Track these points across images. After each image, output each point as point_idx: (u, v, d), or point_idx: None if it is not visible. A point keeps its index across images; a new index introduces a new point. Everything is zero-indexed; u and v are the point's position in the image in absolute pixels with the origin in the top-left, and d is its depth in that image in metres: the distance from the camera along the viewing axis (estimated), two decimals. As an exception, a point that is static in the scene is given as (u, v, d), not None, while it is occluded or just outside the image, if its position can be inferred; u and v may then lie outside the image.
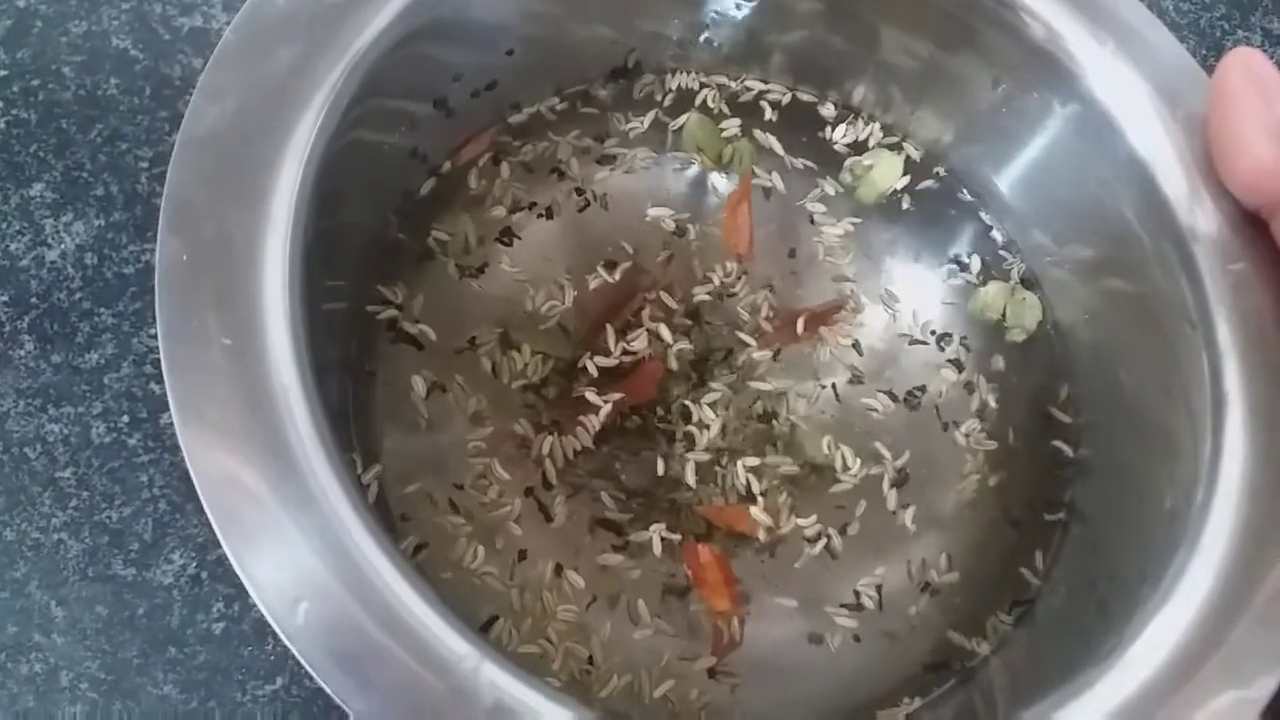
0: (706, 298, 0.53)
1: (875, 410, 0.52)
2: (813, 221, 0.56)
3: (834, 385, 0.52)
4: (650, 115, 0.56)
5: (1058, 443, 0.52)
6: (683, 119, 0.56)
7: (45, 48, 0.62)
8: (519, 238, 0.53)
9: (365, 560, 0.34)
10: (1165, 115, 0.47)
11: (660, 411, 0.51)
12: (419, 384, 0.49)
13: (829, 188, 0.56)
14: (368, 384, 0.49)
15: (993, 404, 0.53)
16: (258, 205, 0.38)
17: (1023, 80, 0.51)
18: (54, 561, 0.52)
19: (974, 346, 0.54)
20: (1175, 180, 0.46)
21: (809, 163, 0.57)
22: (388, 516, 0.46)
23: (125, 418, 0.54)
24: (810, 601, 0.49)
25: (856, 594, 0.49)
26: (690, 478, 0.49)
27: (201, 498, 0.34)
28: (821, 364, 0.53)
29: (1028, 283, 0.55)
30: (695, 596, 0.48)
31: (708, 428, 0.50)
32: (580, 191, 0.54)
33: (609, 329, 0.51)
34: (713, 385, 0.51)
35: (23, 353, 0.55)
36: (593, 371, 0.50)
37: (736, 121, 0.56)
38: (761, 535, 0.49)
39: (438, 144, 0.53)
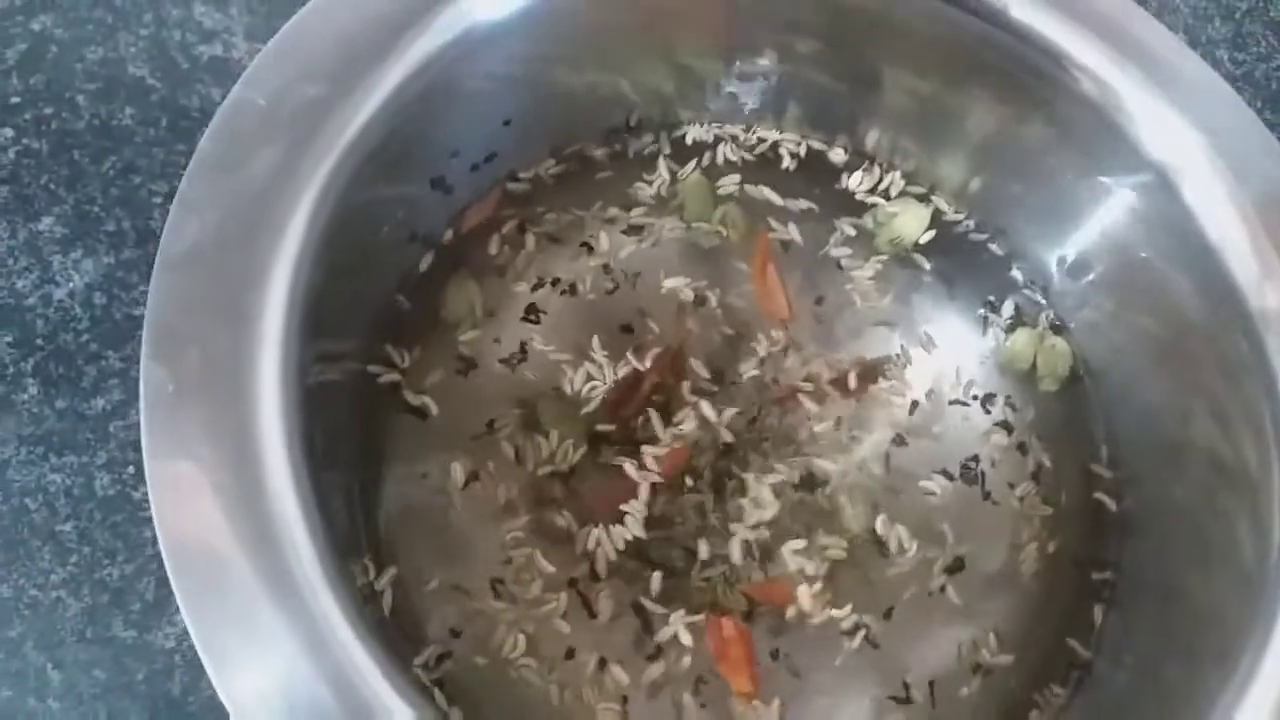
0: (755, 372, 0.50)
1: (934, 494, 0.50)
2: (840, 267, 0.54)
3: (887, 457, 0.50)
4: (659, 178, 0.54)
5: (1099, 495, 0.50)
6: (688, 170, 0.54)
7: (59, 74, 0.59)
8: (545, 313, 0.51)
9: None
10: (1229, 179, 0.44)
11: (690, 481, 0.48)
12: (457, 471, 0.47)
13: (848, 228, 0.54)
14: (381, 480, 0.47)
15: (1048, 464, 0.51)
16: (246, 325, 0.36)
17: (1067, 135, 0.48)
18: (51, 621, 0.49)
19: (1020, 405, 0.52)
20: (1243, 256, 0.43)
21: (811, 204, 0.55)
22: (411, 617, 0.44)
23: (130, 469, 0.52)
24: (855, 695, 0.46)
25: (906, 686, 0.46)
26: (736, 556, 0.47)
27: (201, 655, 0.32)
28: (873, 431, 0.50)
29: (1056, 328, 0.53)
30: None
31: (762, 507, 0.48)
32: (608, 269, 0.52)
33: (652, 414, 0.49)
34: (778, 466, 0.49)
35: (26, 397, 0.53)
36: (651, 465, 0.48)
37: (735, 179, 0.54)
38: (791, 614, 0.46)
39: (436, 221, 0.51)
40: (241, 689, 0.32)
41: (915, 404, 0.51)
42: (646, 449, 0.48)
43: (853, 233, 0.54)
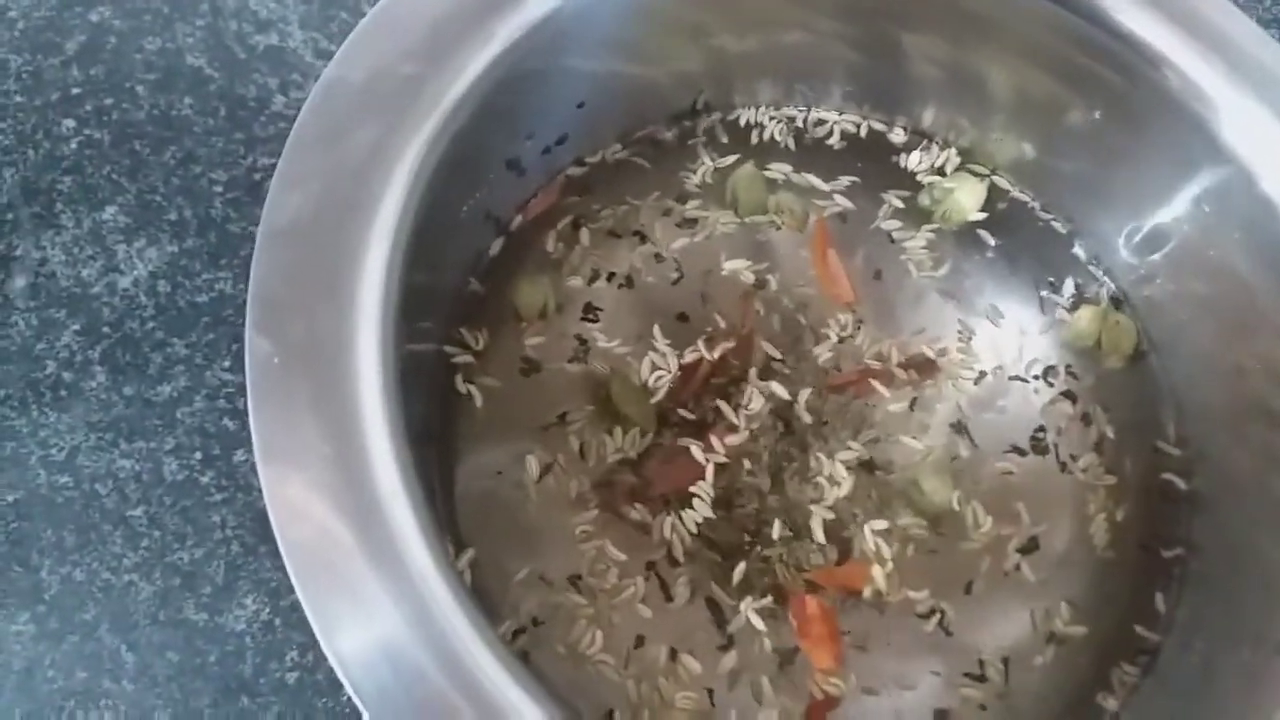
0: (826, 355, 0.51)
1: (1011, 472, 0.50)
2: (892, 240, 0.54)
3: (959, 434, 0.50)
4: (702, 165, 0.54)
5: (1169, 475, 0.50)
6: (731, 160, 0.54)
7: (119, 65, 0.60)
8: (601, 309, 0.51)
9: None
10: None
11: (748, 465, 0.48)
12: (532, 465, 0.47)
13: (895, 201, 0.54)
14: (454, 464, 0.47)
15: (1111, 435, 0.51)
16: (347, 298, 0.36)
17: (1141, 121, 0.48)
18: (125, 604, 0.50)
19: (1081, 375, 0.52)
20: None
21: (856, 178, 0.55)
22: (488, 600, 0.45)
23: (198, 454, 0.52)
24: (929, 672, 0.46)
25: (981, 664, 0.46)
26: (819, 534, 0.47)
27: (310, 616, 0.32)
28: (944, 408, 0.51)
29: (1117, 302, 0.53)
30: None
31: (838, 484, 0.48)
32: (659, 258, 0.52)
33: (724, 405, 0.49)
34: (851, 445, 0.49)
35: (94, 384, 0.53)
36: (717, 447, 0.48)
37: (786, 167, 0.54)
38: (867, 593, 0.47)
39: (508, 203, 0.51)
40: (347, 651, 0.32)
41: (982, 375, 0.51)
42: (722, 432, 0.48)
43: (900, 205, 0.54)
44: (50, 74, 0.60)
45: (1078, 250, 0.54)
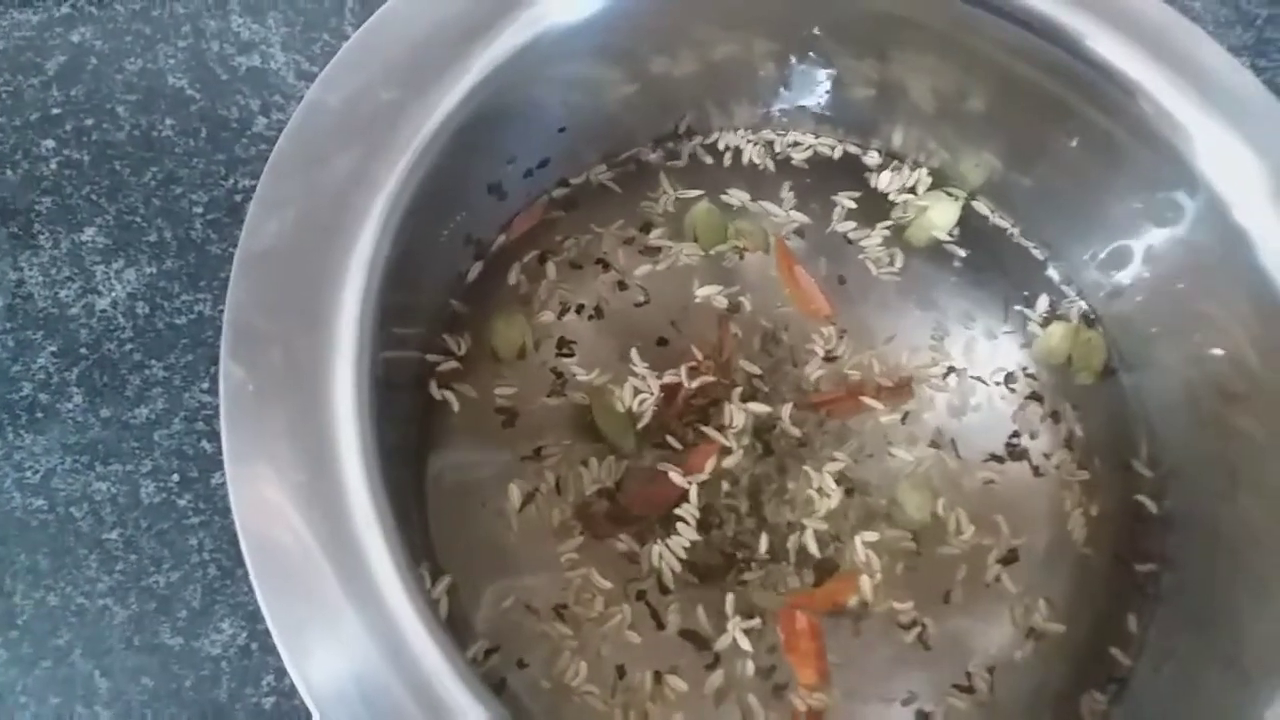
0: (821, 372, 0.51)
1: (993, 481, 0.50)
2: (849, 241, 0.54)
3: (940, 444, 0.50)
4: (663, 193, 0.54)
5: (1141, 498, 0.50)
6: (691, 194, 0.54)
7: (100, 85, 0.60)
8: (574, 343, 0.51)
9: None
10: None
11: (726, 486, 0.48)
12: (513, 493, 0.47)
13: (847, 201, 0.55)
14: (433, 488, 0.47)
15: (1080, 433, 0.51)
16: (324, 326, 0.36)
17: (1112, 146, 0.48)
18: (99, 629, 0.49)
19: (1046, 379, 0.52)
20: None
21: (794, 182, 0.55)
22: (466, 627, 0.44)
23: (175, 477, 0.52)
24: (911, 684, 0.46)
25: (968, 675, 0.46)
26: (813, 547, 0.47)
27: (282, 652, 0.32)
28: (925, 419, 0.51)
29: (1089, 320, 0.53)
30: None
31: (828, 496, 0.48)
32: (623, 285, 0.52)
33: (708, 429, 0.49)
34: (837, 455, 0.49)
35: (70, 406, 0.53)
36: (705, 470, 0.48)
37: (745, 195, 0.55)
38: (852, 602, 0.47)
39: (490, 226, 0.52)
40: (318, 680, 0.32)
41: (950, 370, 0.52)
42: (708, 452, 0.48)
43: (852, 205, 0.55)
44: (30, 94, 0.59)
45: (1051, 272, 0.54)
